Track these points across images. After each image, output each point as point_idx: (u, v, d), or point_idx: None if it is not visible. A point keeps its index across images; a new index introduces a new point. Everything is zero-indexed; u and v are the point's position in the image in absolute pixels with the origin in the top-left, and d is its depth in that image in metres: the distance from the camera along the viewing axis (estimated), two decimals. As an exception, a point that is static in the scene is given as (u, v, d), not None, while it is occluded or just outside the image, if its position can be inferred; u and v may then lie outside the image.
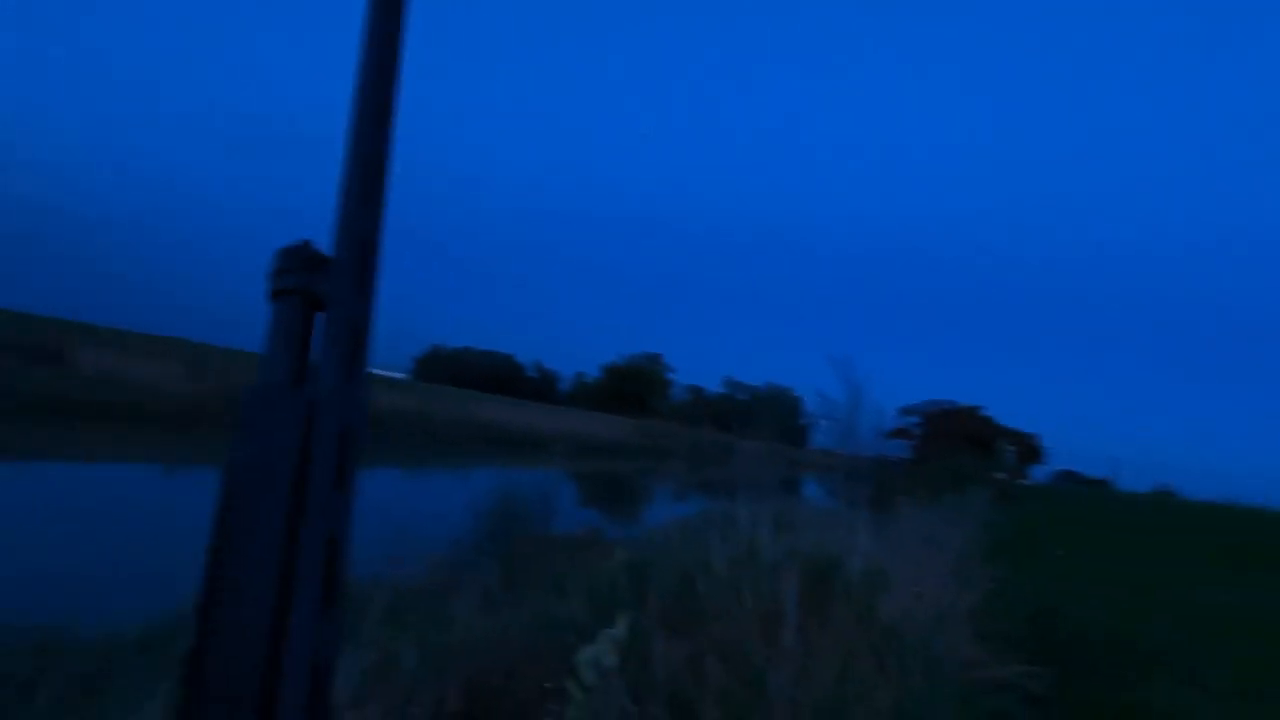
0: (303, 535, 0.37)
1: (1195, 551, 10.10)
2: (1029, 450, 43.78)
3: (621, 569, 2.76)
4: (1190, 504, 22.29)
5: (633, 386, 62.67)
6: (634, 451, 34.16)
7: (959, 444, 27.92)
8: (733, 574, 2.19)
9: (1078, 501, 26.57)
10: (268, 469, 0.38)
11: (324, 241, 0.44)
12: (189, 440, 14.05)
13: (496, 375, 62.59)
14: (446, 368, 61.27)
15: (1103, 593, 6.41)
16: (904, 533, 6.14)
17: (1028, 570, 7.32)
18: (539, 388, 66.05)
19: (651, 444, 37.33)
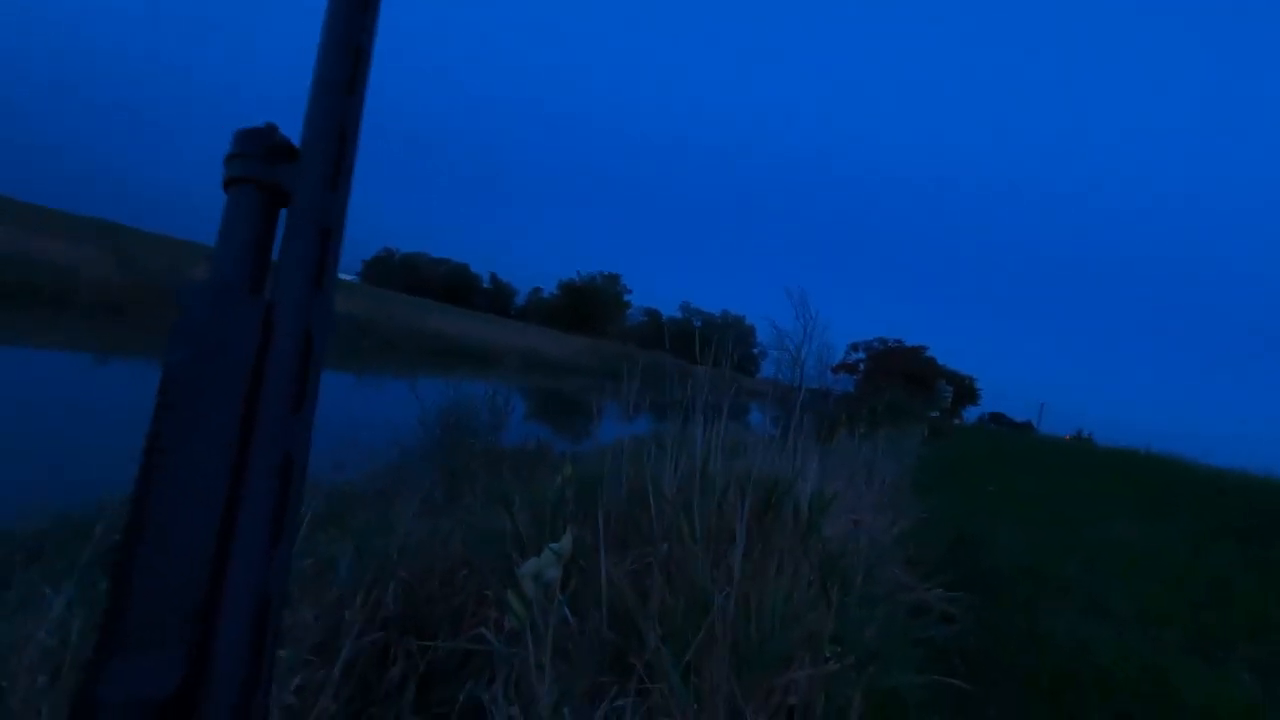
0: (253, 458, 0.33)
1: (1108, 494, 10.81)
2: (966, 391, 45.86)
3: (568, 483, 2.72)
4: (1105, 450, 23.83)
5: (589, 305, 62.25)
6: (588, 370, 34.30)
7: (901, 381, 28.95)
8: (683, 494, 2.18)
9: (1004, 441, 28.08)
10: (215, 379, 0.33)
11: (292, 130, 0.39)
12: (108, 332, 13.31)
13: (450, 284, 61.25)
14: (397, 273, 59.59)
15: (1022, 528, 6.81)
16: (844, 463, 6.35)
17: (955, 503, 7.71)
18: (494, 300, 65.07)
19: (605, 364, 37.51)
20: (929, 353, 42.86)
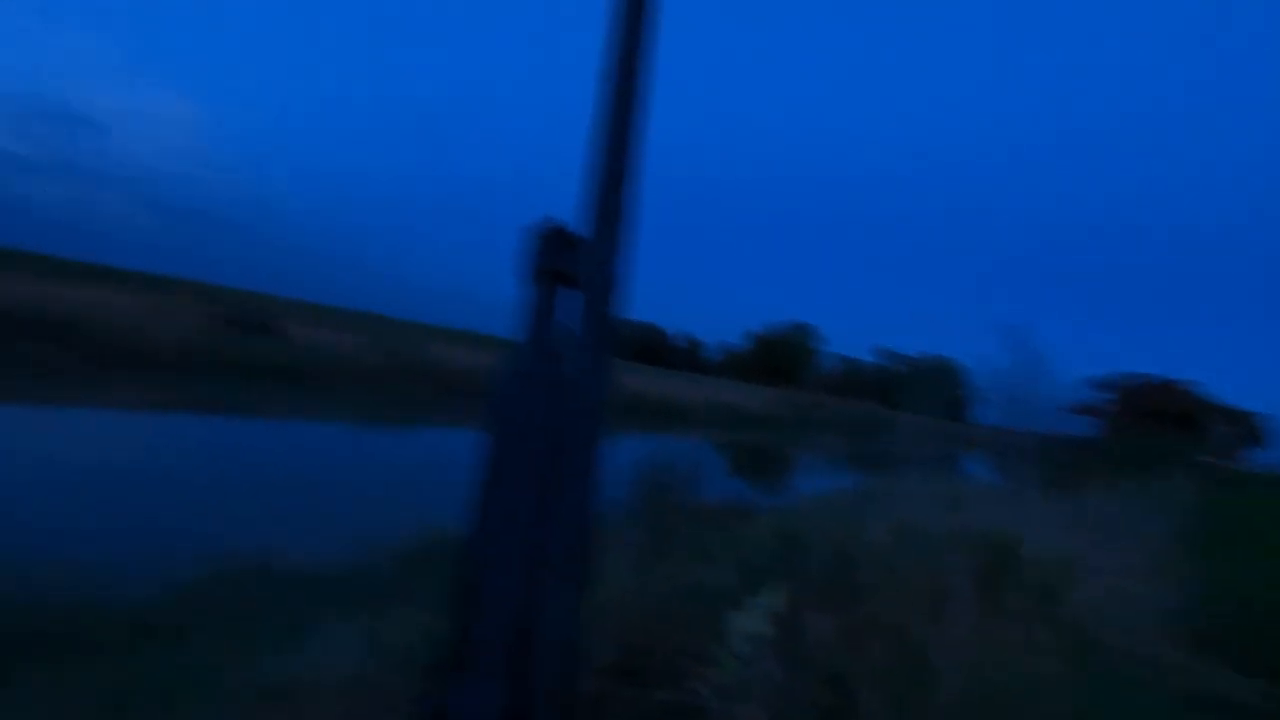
0: (557, 513, 0.41)
1: None
2: (1249, 431, 37.46)
3: (772, 538, 2.70)
4: None
5: (781, 356, 61.36)
6: (782, 423, 33.57)
7: (1159, 422, 24.53)
8: (895, 549, 2.06)
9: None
10: (523, 448, 0.41)
11: (560, 216, 0.46)
12: (378, 401, 15.82)
13: (642, 344, 64.04)
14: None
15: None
16: (1092, 518, 5.52)
17: (1244, 568, 6.30)
18: (685, 357, 66.69)
19: (801, 415, 36.48)
20: (1195, 387, 35.89)
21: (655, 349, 65.59)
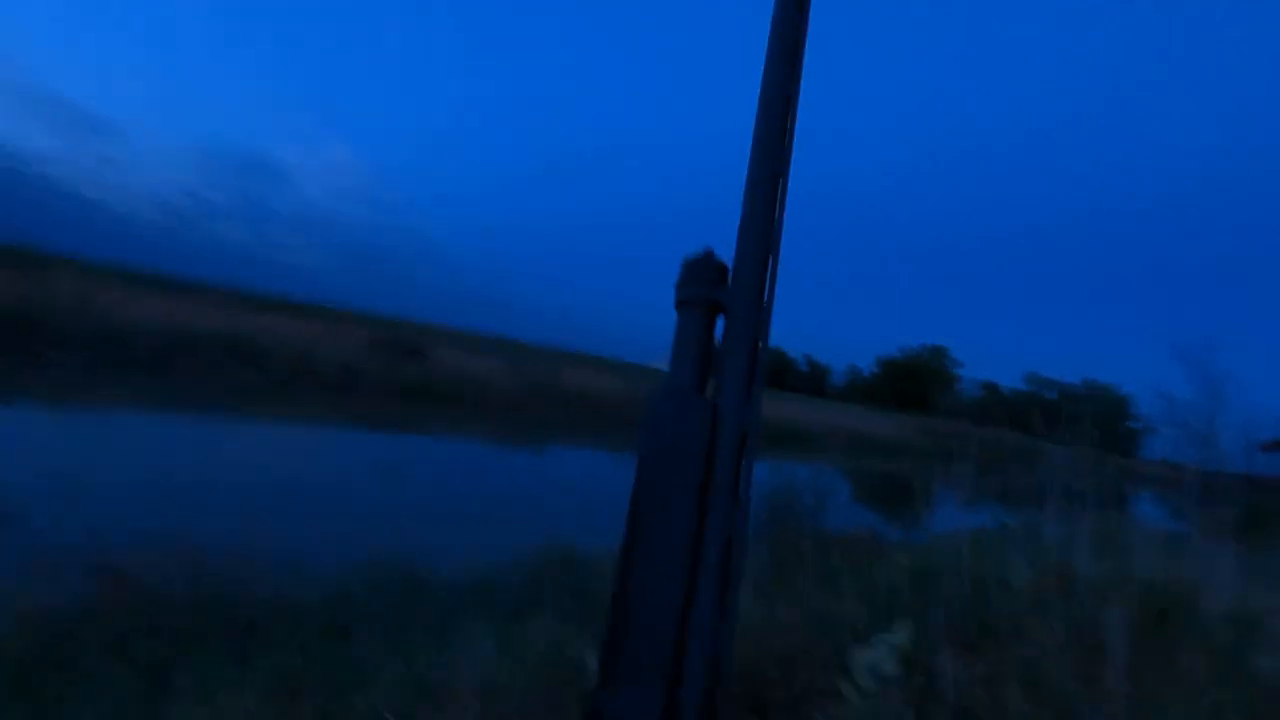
0: (705, 535, 0.40)
1: None
2: None
3: (901, 572, 2.60)
4: None
5: (912, 381, 57.95)
6: (915, 451, 31.62)
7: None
8: (1039, 593, 1.92)
9: None
10: (676, 468, 0.42)
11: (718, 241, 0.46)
12: (513, 422, 16.74)
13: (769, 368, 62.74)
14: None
15: None
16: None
17: None
18: (810, 382, 64.68)
19: (935, 444, 34.15)
20: None
21: (778, 373, 64.16)
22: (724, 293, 0.45)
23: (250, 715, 2.07)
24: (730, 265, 0.44)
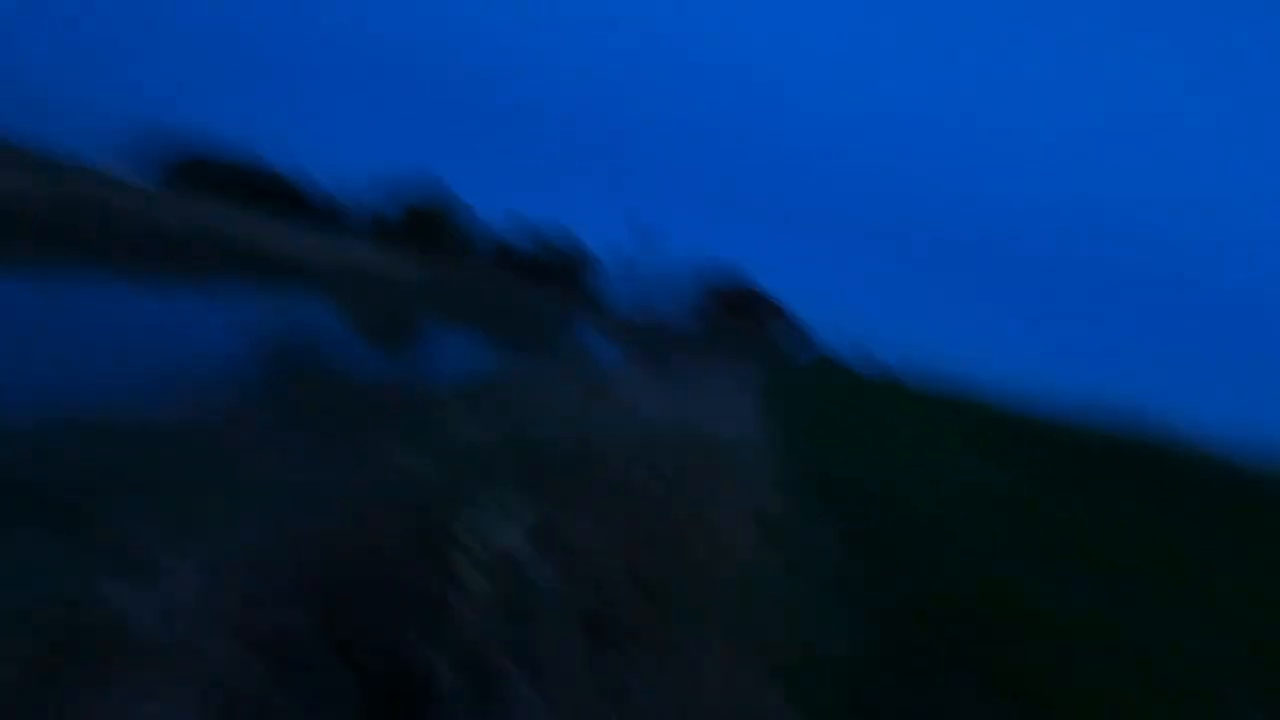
0: None
1: (930, 425, 12.24)
2: (802, 329, 49.68)
3: (474, 426, 2.53)
4: (927, 391, 27.07)
5: (427, 223, 58.21)
6: (429, 292, 32.40)
7: (746, 318, 30.53)
8: (627, 450, 2.08)
9: (835, 375, 30.69)
10: None
11: None
12: None
13: (262, 190, 54.12)
14: (203, 174, 51.47)
15: (867, 459, 7.47)
16: (711, 397, 6.56)
17: (807, 436, 8.24)
18: (323, 212, 58.54)
19: (452, 287, 35.60)
20: (773, 291, 45.79)
21: (280, 197, 56.06)
22: None
23: None
24: None
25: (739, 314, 32.51)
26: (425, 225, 57.41)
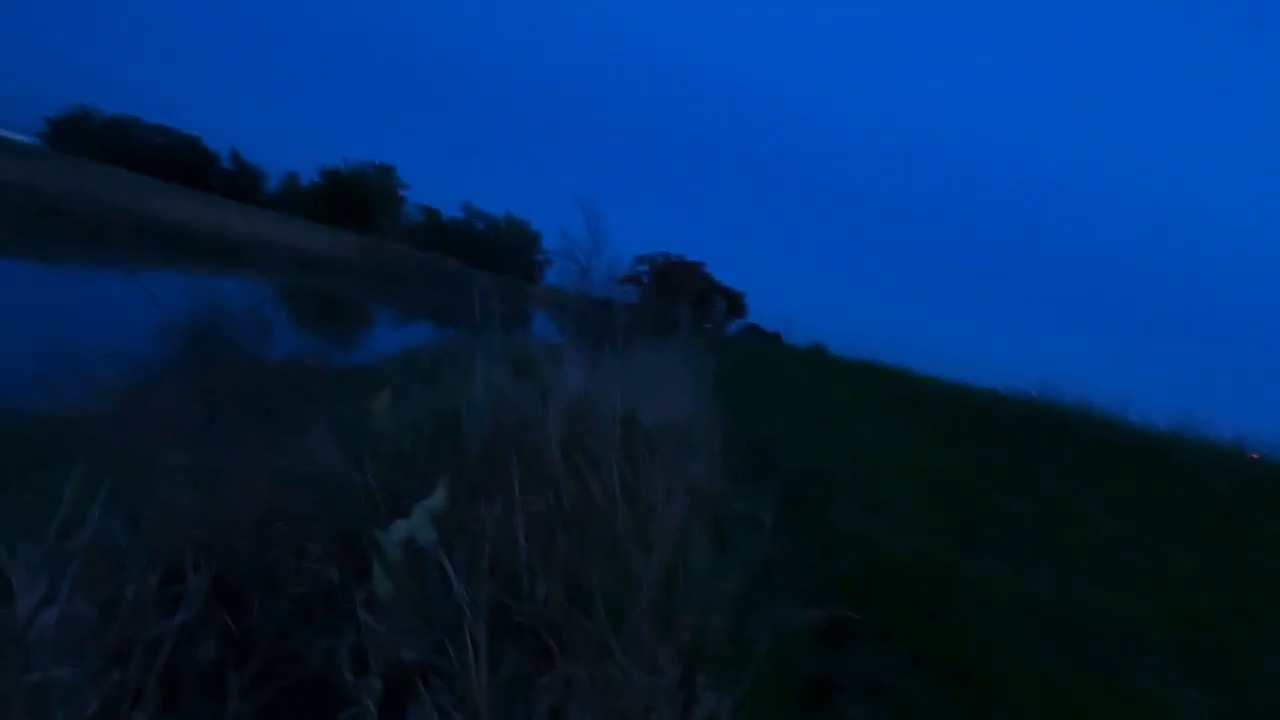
0: None
1: (855, 399, 12.65)
2: (735, 305, 50.36)
3: (398, 412, 2.39)
4: (843, 360, 27.96)
5: (357, 197, 55.70)
6: (355, 270, 31.23)
7: (681, 294, 30.68)
8: (555, 431, 1.98)
9: (763, 351, 31.40)
10: None
11: None
12: None
13: (175, 159, 50.69)
14: (98, 139, 47.72)
15: (795, 432, 7.66)
16: (645, 373, 6.51)
17: (737, 411, 8.39)
18: (236, 184, 55.26)
19: (377, 264, 34.36)
20: (706, 268, 46.11)
21: (195, 168, 52.68)
22: None
23: None
24: None
25: (679, 292, 32.76)
26: (356, 203, 55.02)
